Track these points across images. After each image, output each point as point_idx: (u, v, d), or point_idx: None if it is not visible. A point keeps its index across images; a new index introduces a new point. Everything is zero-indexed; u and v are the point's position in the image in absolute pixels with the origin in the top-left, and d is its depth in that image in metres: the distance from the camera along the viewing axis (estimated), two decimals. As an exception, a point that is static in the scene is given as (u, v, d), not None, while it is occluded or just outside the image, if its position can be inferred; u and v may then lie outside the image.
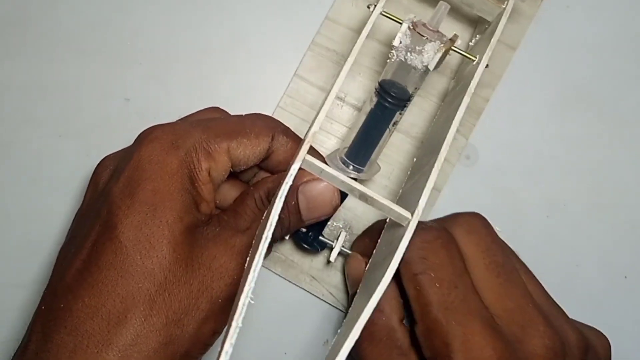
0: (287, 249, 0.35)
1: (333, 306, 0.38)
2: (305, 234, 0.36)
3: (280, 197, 0.25)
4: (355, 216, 0.39)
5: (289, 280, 0.38)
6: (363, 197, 0.28)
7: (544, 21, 0.41)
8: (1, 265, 0.37)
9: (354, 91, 0.39)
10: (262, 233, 0.24)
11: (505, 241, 0.39)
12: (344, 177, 0.27)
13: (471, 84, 0.32)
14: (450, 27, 0.34)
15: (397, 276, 0.29)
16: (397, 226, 0.29)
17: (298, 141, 0.31)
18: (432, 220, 0.33)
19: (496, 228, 0.40)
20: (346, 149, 0.35)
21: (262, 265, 0.35)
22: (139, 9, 0.40)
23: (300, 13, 0.40)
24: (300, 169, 0.26)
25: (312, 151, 0.30)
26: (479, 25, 0.39)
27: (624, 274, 0.40)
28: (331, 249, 0.35)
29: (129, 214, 0.25)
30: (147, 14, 0.40)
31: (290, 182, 0.26)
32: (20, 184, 0.38)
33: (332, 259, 0.35)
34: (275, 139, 0.30)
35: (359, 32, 0.39)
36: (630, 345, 0.39)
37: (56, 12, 0.40)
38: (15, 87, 0.39)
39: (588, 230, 0.40)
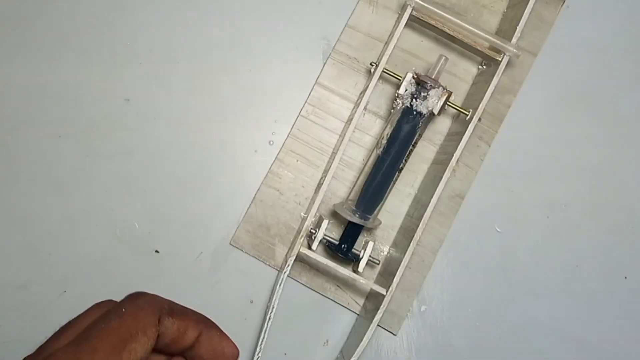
0: (312, 260, 0.36)
1: (356, 313, 0.38)
2: (339, 246, 0.37)
3: (281, 284, 0.32)
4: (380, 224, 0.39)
5: (314, 290, 0.38)
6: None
7: (544, 21, 0.41)
8: (1, 265, 0.37)
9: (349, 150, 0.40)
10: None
11: (506, 241, 0.39)
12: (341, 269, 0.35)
13: (452, 160, 0.35)
14: (456, 60, 0.39)
15: None
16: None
17: (184, 317, 0.29)
18: None
19: (496, 228, 0.40)
20: (353, 201, 0.37)
21: (288, 276, 0.36)
22: (138, 9, 0.40)
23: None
24: None
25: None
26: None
27: (624, 274, 0.40)
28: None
29: None
30: (147, 14, 0.40)
31: (288, 272, 0.34)
32: (20, 184, 0.38)
33: (360, 269, 0.36)
34: (162, 324, 0.28)
35: (379, 39, 0.39)
36: (630, 345, 0.39)
37: (56, 12, 0.40)
38: (15, 87, 0.39)
39: (588, 231, 0.40)
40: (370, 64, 0.37)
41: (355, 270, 0.36)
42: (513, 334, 0.39)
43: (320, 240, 0.36)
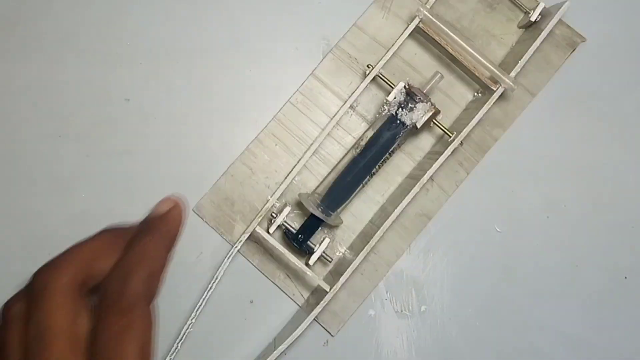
0: (267, 243, 0.36)
1: (298, 305, 0.38)
2: (296, 235, 0.37)
3: (229, 257, 0.35)
4: (341, 224, 0.39)
5: (263, 274, 0.38)
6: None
7: (544, 21, 0.41)
8: (1, 265, 0.37)
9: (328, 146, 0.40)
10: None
11: (506, 241, 0.39)
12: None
13: (424, 176, 0.35)
14: (454, 82, 0.38)
15: None
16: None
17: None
18: None
19: (496, 228, 0.40)
20: (319, 194, 0.37)
21: (240, 253, 0.37)
22: (138, 9, 0.40)
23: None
24: None
25: None
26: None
27: (624, 274, 0.40)
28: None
29: None
30: (147, 14, 0.40)
31: (239, 247, 0.35)
32: (20, 184, 0.38)
33: (311, 262, 0.36)
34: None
35: (383, 45, 0.39)
36: (630, 345, 0.39)
37: (56, 12, 0.40)
38: (15, 87, 0.39)
39: (588, 230, 0.40)
40: (367, 66, 0.37)
41: (307, 263, 0.36)
42: (513, 334, 0.39)
43: (279, 226, 0.36)
